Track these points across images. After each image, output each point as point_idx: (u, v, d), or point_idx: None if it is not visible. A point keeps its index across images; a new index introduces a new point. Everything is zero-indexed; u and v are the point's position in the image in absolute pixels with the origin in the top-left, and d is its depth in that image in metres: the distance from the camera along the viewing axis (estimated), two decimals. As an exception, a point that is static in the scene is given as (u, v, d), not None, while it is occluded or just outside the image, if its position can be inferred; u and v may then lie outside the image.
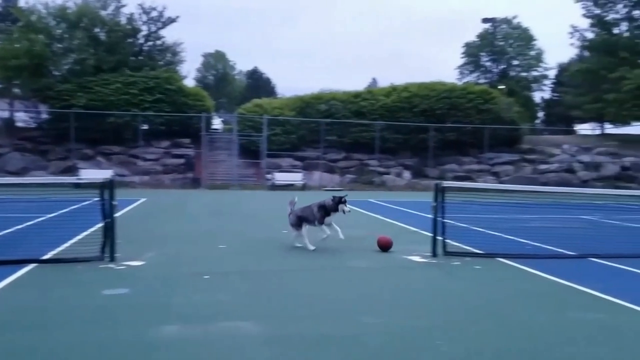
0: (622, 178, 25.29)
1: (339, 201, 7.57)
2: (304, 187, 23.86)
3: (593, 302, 5.12)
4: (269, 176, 24.44)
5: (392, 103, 28.17)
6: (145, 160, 24.86)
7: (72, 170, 22.03)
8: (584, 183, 24.99)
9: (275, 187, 23.28)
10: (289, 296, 5.18)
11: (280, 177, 24.25)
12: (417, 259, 7.15)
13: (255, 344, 3.77)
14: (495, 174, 27.30)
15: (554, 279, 5.99)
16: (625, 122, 31.67)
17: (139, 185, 23.10)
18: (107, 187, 6.67)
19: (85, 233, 8.31)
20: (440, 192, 7.33)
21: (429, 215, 7.46)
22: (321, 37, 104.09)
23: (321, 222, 7.62)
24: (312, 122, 27.02)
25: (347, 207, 7.63)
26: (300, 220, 7.70)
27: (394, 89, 29.48)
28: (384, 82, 46.61)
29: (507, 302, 5.14)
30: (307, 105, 28.55)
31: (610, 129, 36.87)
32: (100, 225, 6.75)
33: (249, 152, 26.22)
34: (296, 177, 24.64)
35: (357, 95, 29.22)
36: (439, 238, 7.31)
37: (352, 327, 4.20)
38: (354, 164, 27.63)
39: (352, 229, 10.38)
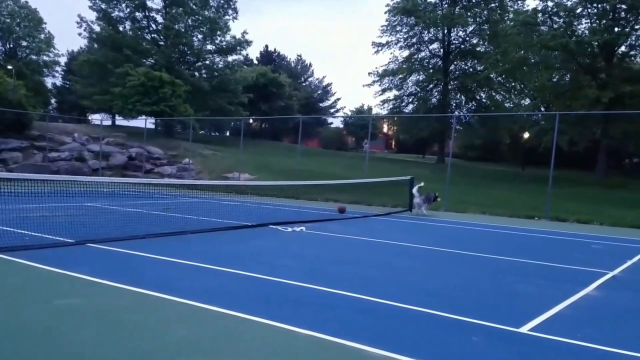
0: (129, 167, 27.74)
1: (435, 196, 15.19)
2: None
3: (81, 286, 5.50)
4: None
5: None
6: None
7: None
8: (95, 171, 26.01)
9: None
10: None
11: None
12: None
13: None
14: (3, 162, 24.85)
15: (49, 268, 6.10)
16: (132, 115, 34.54)
17: None
18: None
19: None
20: None
21: None
22: None
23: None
24: None
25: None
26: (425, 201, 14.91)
27: None
28: None
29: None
30: None
31: (120, 120, 39.43)
32: None
33: None
34: None
35: None
36: None
37: None
38: None
39: None
